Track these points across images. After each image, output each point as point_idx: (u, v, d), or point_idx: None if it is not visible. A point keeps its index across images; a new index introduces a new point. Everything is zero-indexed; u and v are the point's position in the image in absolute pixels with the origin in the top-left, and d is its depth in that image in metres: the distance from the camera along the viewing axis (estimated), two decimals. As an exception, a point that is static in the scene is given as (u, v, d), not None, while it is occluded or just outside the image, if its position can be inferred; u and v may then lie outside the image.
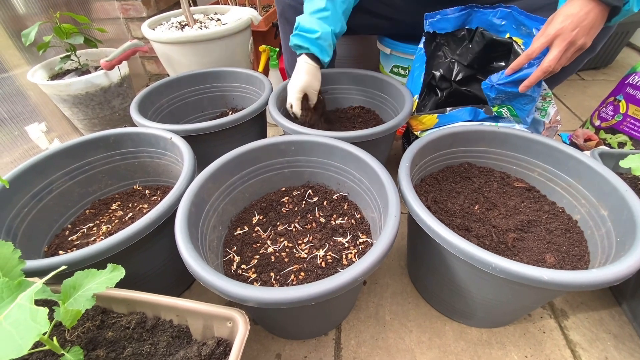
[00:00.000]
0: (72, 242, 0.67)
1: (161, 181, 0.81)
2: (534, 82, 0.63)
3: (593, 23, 0.57)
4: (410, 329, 0.65)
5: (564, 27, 0.57)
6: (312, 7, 0.72)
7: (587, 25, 0.57)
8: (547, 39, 0.59)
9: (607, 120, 0.96)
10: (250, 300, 0.41)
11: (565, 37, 0.57)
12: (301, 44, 0.73)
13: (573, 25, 0.57)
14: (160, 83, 0.93)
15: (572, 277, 0.42)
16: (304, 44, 0.73)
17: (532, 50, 0.62)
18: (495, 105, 0.72)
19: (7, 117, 1.03)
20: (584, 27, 0.57)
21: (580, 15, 0.56)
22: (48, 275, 0.32)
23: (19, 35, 1.02)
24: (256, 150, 0.68)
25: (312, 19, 0.72)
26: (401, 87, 0.86)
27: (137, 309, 0.49)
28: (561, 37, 0.58)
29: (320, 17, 0.72)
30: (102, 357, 0.44)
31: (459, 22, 0.80)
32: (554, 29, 0.58)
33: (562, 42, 0.58)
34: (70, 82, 1.00)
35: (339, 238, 0.64)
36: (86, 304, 0.36)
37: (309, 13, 0.72)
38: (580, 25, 0.57)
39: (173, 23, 1.24)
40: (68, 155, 0.71)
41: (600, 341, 0.63)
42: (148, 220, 0.52)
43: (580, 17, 0.56)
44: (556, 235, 0.61)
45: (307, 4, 0.74)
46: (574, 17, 0.57)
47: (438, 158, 0.72)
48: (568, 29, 0.57)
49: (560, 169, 0.65)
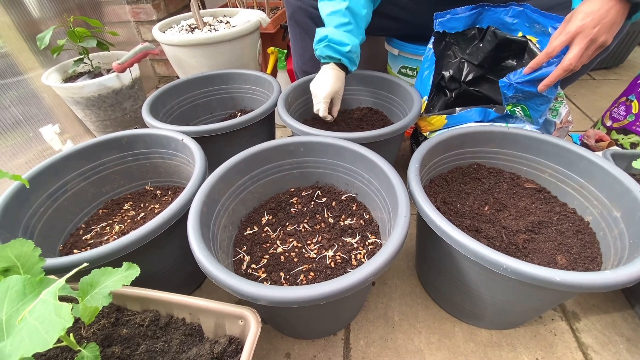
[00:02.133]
0: (86, 241, 0.69)
1: (172, 181, 0.82)
2: (554, 81, 0.62)
3: (614, 20, 0.56)
4: (420, 330, 0.65)
5: (585, 24, 0.56)
6: (336, 21, 0.75)
7: (608, 23, 0.56)
8: (568, 36, 0.58)
9: (619, 120, 0.94)
10: (262, 298, 0.42)
11: (587, 35, 0.57)
12: (332, 54, 0.76)
13: (594, 22, 0.56)
14: (170, 85, 0.95)
15: (585, 279, 0.41)
16: (335, 55, 0.76)
17: (552, 49, 0.61)
18: (510, 104, 0.71)
19: (22, 119, 1.05)
20: (605, 24, 0.56)
21: (601, 13, 0.56)
22: (70, 272, 0.32)
23: (33, 39, 1.05)
24: (266, 151, 0.68)
25: (341, 33, 0.75)
26: (409, 87, 0.86)
27: (151, 307, 0.50)
28: (582, 35, 0.57)
29: (346, 31, 0.75)
30: (117, 353, 0.45)
31: (469, 21, 0.80)
32: (574, 26, 0.57)
33: (584, 39, 0.57)
34: (84, 84, 1.02)
35: (347, 238, 0.64)
36: (103, 301, 0.37)
37: (335, 27, 0.75)
38: (601, 22, 0.56)
39: (183, 26, 1.26)
40: (83, 156, 0.72)
41: (612, 344, 0.62)
42: (162, 219, 0.53)
43: (601, 14, 0.56)
44: (567, 236, 0.61)
45: (329, 18, 0.76)
46: (594, 14, 0.56)
47: (447, 159, 0.72)
48: (589, 26, 0.56)
49: (572, 169, 0.65)
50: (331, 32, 0.75)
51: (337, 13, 0.75)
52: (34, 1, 1.08)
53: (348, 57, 0.76)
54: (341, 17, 0.75)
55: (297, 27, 0.92)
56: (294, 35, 0.95)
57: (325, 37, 0.75)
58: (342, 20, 0.75)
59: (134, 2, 1.41)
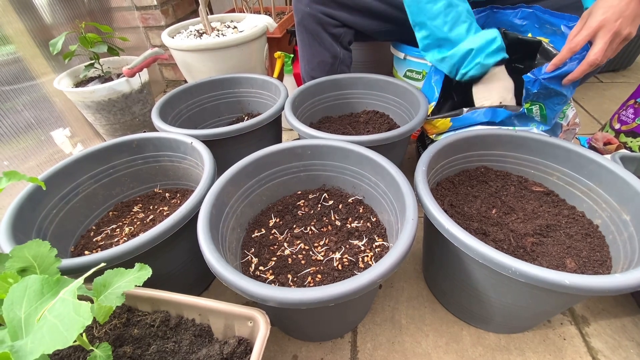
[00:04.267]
0: (96, 242, 0.70)
1: (181, 184, 0.83)
2: (580, 76, 0.62)
3: (636, 12, 0.56)
4: (427, 333, 0.65)
5: (607, 17, 0.56)
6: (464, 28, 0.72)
7: (630, 15, 0.56)
8: (590, 31, 0.58)
9: (628, 123, 0.94)
10: (271, 299, 0.42)
11: (610, 28, 0.56)
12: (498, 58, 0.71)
13: (616, 15, 0.56)
14: (179, 89, 0.96)
15: (595, 282, 0.41)
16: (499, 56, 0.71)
17: (576, 44, 0.60)
18: (529, 101, 0.71)
19: (34, 122, 1.07)
20: (628, 17, 0.56)
21: (622, 6, 0.55)
22: (87, 272, 0.33)
23: (45, 45, 1.07)
24: (274, 154, 0.69)
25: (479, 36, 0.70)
26: (415, 91, 0.86)
27: (161, 308, 0.50)
28: (605, 29, 0.57)
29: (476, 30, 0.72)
30: (129, 353, 0.45)
31: (478, 23, 0.80)
32: (595, 21, 0.57)
33: (607, 33, 0.57)
34: (94, 89, 1.04)
35: (355, 241, 0.65)
36: (117, 301, 0.38)
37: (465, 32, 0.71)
38: (623, 15, 0.55)
39: (191, 31, 1.28)
40: (94, 159, 0.73)
41: (623, 349, 0.61)
42: (174, 220, 0.54)
43: (622, 7, 0.55)
44: (576, 240, 0.60)
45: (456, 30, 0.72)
46: (614, 7, 0.56)
47: (454, 162, 0.72)
48: (611, 20, 0.56)
49: (580, 172, 0.64)
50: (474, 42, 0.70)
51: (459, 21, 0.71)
52: (46, 8, 1.10)
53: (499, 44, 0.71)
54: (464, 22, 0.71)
55: (305, 33, 0.93)
56: (302, 41, 0.96)
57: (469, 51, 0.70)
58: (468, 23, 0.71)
59: (143, 8, 1.44)
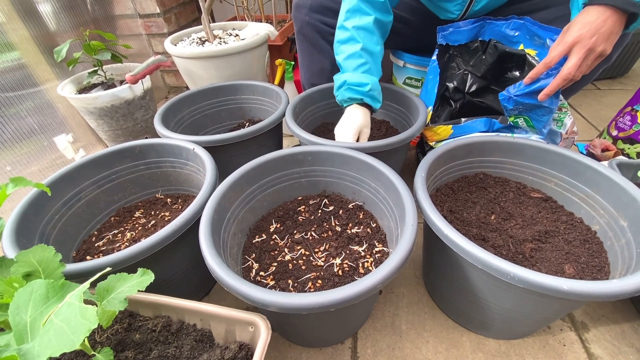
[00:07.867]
0: (98, 247, 0.70)
1: (182, 190, 0.84)
2: (554, 90, 0.63)
3: (612, 30, 0.57)
4: (427, 339, 0.65)
5: (582, 34, 0.57)
6: (354, 64, 0.76)
7: (606, 32, 0.57)
8: (566, 46, 0.59)
9: (625, 130, 0.95)
10: (272, 304, 0.43)
11: (585, 44, 0.57)
12: (354, 96, 0.76)
13: (591, 32, 0.57)
14: (181, 96, 0.98)
15: (593, 287, 0.42)
16: (357, 96, 0.76)
17: (551, 59, 0.62)
18: (512, 115, 0.73)
19: (38, 128, 1.08)
20: (603, 34, 0.57)
21: (598, 23, 0.57)
22: (92, 276, 0.34)
23: (50, 52, 1.08)
24: (275, 160, 0.70)
25: (359, 75, 0.75)
26: (415, 98, 0.87)
27: (163, 313, 0.51)
28: (580, 44, 0.58)
29: (364, 71, 0.76)
30: (131, 358, 0.46)
31: (471, 34, 0.82)
32: (572, 36, 0.58)
33: (582, 49, 0.58)
34: (97, 95, 1.05)
35: (355, 247, 0.65)
36: (120, 306, 0.38)
37: (352, 70, 0.76)
38: (598, 32, 0.57)
39: (194, 39, 1.30)
40: (97, 165, 0.74)
41: (622, 355, 0.61)
42: (177, 225, 0.55)
43: (598, 24, 0.57)
44: (575, 245, 0.61)
45: (346, 62, 0.77)
46: (591, 24, 0.57)
47: (453, 168, 0.73)
48: (586, 36, 0.57)
49: (578, 179, 0.65)
50: (349, 77, 0.75)
51: (353, 56, 0.75)
52: (51, 15, 1.12)
53: (370, 95, 0.76)
54: (357, 59, 0.75)
55: (305, 42, 0.95)
56: (302, 49, 0.98)
57: (344, 82, 0.76)
58: (359, 61, 0.75)
59: (146, 15, 1.46)
